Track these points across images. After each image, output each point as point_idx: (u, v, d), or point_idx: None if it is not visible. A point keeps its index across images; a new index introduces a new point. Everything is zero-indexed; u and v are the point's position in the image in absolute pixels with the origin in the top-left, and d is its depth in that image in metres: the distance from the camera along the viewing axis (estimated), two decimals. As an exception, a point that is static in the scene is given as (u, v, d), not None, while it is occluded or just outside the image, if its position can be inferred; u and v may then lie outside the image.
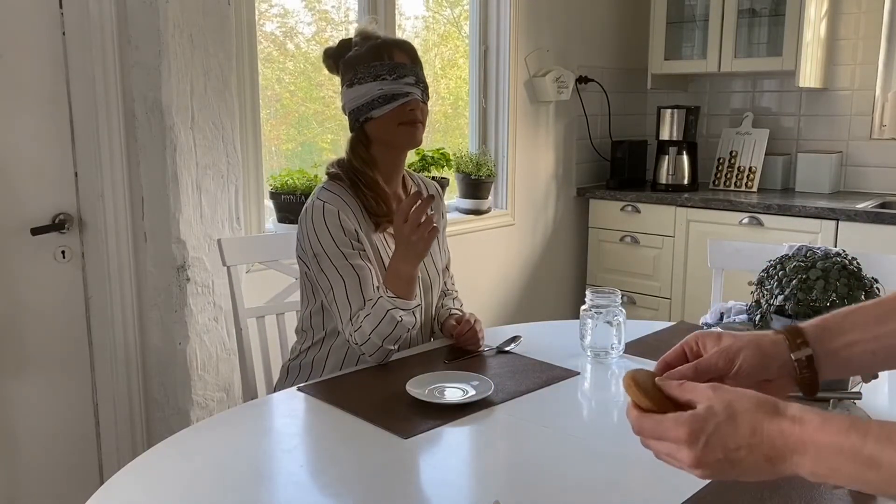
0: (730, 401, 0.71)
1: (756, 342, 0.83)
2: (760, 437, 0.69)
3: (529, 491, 1.07)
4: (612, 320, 1.58)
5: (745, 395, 0.72)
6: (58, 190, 2.06)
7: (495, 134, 3.31)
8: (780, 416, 0.69)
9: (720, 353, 0.83)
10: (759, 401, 0.70)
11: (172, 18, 1.99)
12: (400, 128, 1.61)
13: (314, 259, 1.58)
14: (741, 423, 0.69)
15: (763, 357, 0.82)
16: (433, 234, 1.52)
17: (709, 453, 0.70)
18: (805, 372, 0.82)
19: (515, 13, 3.21)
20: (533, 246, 3.54)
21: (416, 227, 1.49)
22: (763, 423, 0.69)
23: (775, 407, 0.70)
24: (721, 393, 0.72)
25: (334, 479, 1.11)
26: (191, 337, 2.14)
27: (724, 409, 0.70)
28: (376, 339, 1.51)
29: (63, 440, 2.14)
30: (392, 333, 1.51)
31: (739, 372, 0.82)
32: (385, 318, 1.50)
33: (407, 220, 1.49)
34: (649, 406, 0.76)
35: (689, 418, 0.71)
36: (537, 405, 1.37)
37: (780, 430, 0.68)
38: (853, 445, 0.65)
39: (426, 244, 1.52)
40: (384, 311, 1.51)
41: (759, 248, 2.02)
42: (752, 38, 3.51)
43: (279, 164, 2.71)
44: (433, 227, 1.51)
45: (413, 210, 1.49)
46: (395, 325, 1.51)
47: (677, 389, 0.75)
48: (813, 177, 3.43)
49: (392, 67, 1.58)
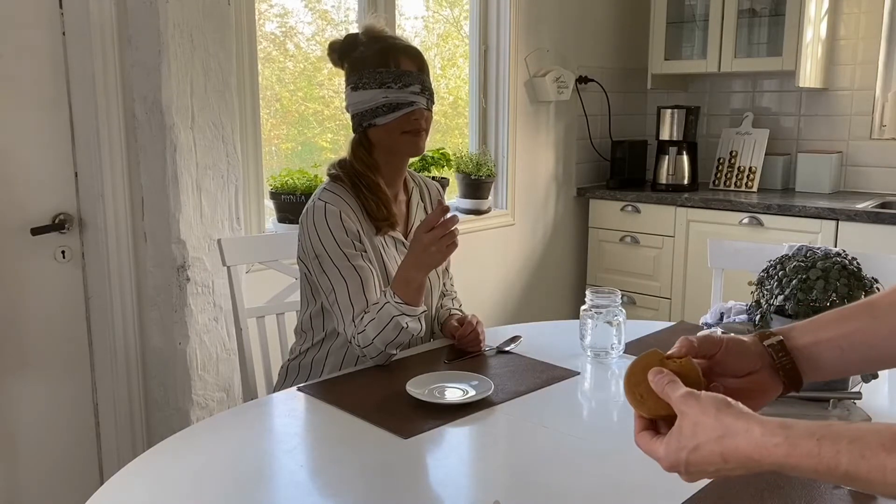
0: (694, 424, 0.74)
1: (737, 337, 0.90)
2: (734, 461, 0.72)
3: (529, 491, 1.07)
4: (612, 320, 1.58)
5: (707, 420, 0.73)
6: (58, 190, 2.06)
7: (495, 134, 3.31)
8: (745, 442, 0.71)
9: (706, 337, 0.88)
10: (721, 429, 0.72)
11: (172, 18, 1.99)
12: (403, 136, 1.61)
13: (315, 260, 1.58)
14: (706, 452, 0.73)
15: (742, 344, 0.88)
16: (451, 249, 1.52)
17: (693, 476, 0.76)
18: (782, 356, 0.86)
19: (515, 13, 3.21)
20: (533, 246, 3.54)
21: (438, 239, 1.49)
22: (729, 451, 0.72)
23: (736, 433, 0.71)
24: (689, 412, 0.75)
25: (334, 479, 1.11)
26: (191, 337, 2.14)
27: (690, 436, 0.74)
28: (380, 344, 1.51)
29: (63, 440, 2.14)
30: (396, 339, 1.51)
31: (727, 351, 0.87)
32: (390, 324, 1.50)
33: (431, 229, 1.50)
34: (647, 413, 0.80)
35: (664, 451, 0.76)
36: (537, 405, 1.37)
37: (748, 457, 0.71)
38: (828, 465, 0.66)
39: (443, 257, 1.52)
40: (390, 316, 1.50)
41: (759, 248, 2.02)
42: (752, 38, 3.51)
43: (279, 163, 2.71)
44: (453, 242, 1.51)
45: (441, 222, 1.50)
46: (399, 330, 1.50)
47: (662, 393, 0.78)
48: (813, 177, 3.43)
49: (398, 75, 1.58)
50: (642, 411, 0.80)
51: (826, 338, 0.87)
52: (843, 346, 0.87)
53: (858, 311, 0.88)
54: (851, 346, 0.86)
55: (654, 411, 0.79)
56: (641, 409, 0.80)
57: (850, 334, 0.87)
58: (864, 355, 0.88)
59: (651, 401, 0.79)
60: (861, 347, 0.86)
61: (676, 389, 0.77)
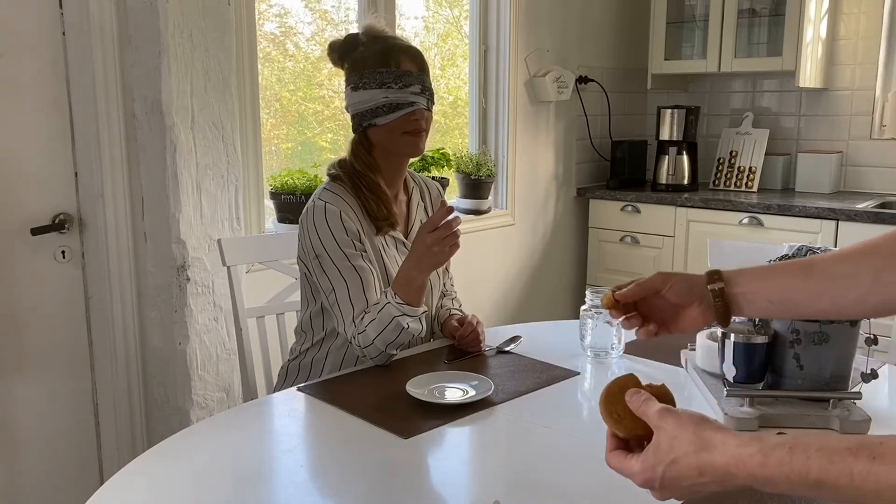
0: (672, 438, 0.76)
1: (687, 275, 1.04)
2: (709, 475, 0.73)
3: (529, 491, 1.07)
4: (612, 320, 1.58)
5: (685, 435, 0.76)
6: (58, 190, 2.06)
7: (495, 134, 3.31)
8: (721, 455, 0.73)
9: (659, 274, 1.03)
10: (699, 443, 0.74)
11: (172, 18, 1.99)
12: (403, 136, 1.61)
13: (315, 260, 1.58)
14: (683, 466, 0.75)
15: (690, 283, 1.01)
16: (454, 250, 1.52)
17: (667, 493, 0.78)
18: (718, 301, 0.99)
19: (515, 13, 3.21)
20: (533, 246, 3.54)
21: (441, 240, 1.49)
22: (706, 465, 0.73)
23: (714, 446, 0.74)
24: (666, 427, 0.77)
25: (334, 479, 1.11)
26: (191, 337, 2.14)
27: (668, 450, 0.76)
28: (380, 345, 1.51)
29: (63, 440, 2.14)
30: (397, 339, 1.51)
31: (671, 289, 1.01)
32: (391, 325, 1.50)
33: (435, 230, 1.50)
34: (624, 432, 0.83)
35: (640, 466, 0.78)
36: (537, 405, 1.37)
37: (724, 470, 0.72)
38: (799, 473, 0.68)
39: (445, 257, 1.52)
40: (390, 317, 1.50)
41: (759, 248, 2.02)
42: (752, 38, 3.51)
43: (279, 163, 2.71)
44: (455, 243, 1.51)
45: (444, 223, 1.49)
46: (400, 331, 1.50)
47: (638, 410, 0.82)
48: (813, 177, 3.43)
49: (398, 76, 1.58)
50: (619, 430, 0.84)
51: (761, 289, 0.99)
52: (773, 298, 0.99)
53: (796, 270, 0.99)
54: (780, 300, 0.98)
55: (631, 430, 0.82)
56: (618, 429, 0.84)
57: (781, 290, 0.98)
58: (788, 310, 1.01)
59: (628, 420, 0.82)
60: (787, 304, 0.98)
61: (653, 406, 0.80)
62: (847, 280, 0.94)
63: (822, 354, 1.26)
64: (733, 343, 1.31)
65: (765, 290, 0.98)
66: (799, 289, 0.97)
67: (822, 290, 0.96)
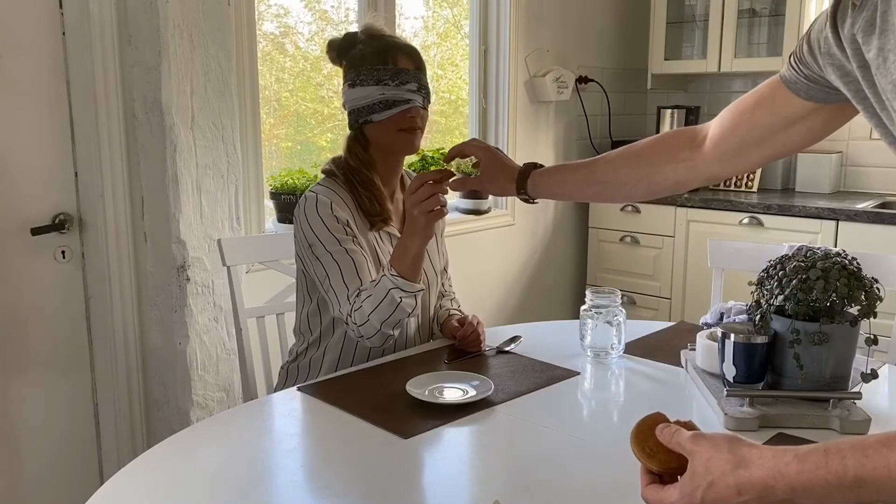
0: (707, 460, 0.76)
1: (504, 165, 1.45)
2: (748, 492, 0.74)
3: (529, 491, 1.07)
4: (612, 320, 1.58)
5: (720, 455, 0.76)
6: (58, 190, 2.06)
7: (495, 134, 3.31)
8: (758, 469, 0.73)
9: (478, 144, 1.49)
10: (735, 461, 0.75)
11: (172, 18, 1.99)
12: (399, 134, 1.61)
13: (309, 249, 1.58)
14: (721, 487, 0.75)
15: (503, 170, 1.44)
16: (436, 215, 1.48)
17: None
18: (522, 193, 1.41)
19: (515, 13, 3.21)
20: (533, 246, 3.54)
21: (419, 203, 1.46)
22: (744, 482, 0.74)
23: (751, 461, 0.74)
24: (700, 450, 0.78)
25: (334, 479, 1.11)
26: (191, 337, 2.14)
27: (704, 473, 0.76)
28: (375, 322, 1.49)
29: (63, 440, 2.14)
30: (391, 317, 1.49)
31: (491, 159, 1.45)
32: (386, 299, 1.48)
33: (413, 192, 1.47)
34: (657, 466, 0.84)
35: (678, 494, 0.78)
36: (537, 405, 1.37)
37: (763, 484, 0.73)
38: (837, 473, 0.69)
39: (427, 221, 1.47)
40: (385, 290, 1.48)
41: (759, 248, 2.02)
42: (752, 38, 3.51)
43: (279, 163, 2.71)
44: (436, 209, 1.47)
45: (421, 186, 1.46)
46: (395, 306, 1.48)
47: (671, 441, 0.82)
48: (813, 177, 3.43)
49: (395, 73, 1.58)
50: (652, 465, 0.84)
51: (552, 183, 1.39)
52: (557, 192, 1.44)
53: (582, 171, 1.37)
54: (563, 194, 1.50)
55: (665, 464, 0.83)
56: (652, 463, 0.84)
57: (566, 188, 1.41)
58: (568, 199, 1.45)
59: (661, 453, 0.84)
60: (568, 197, 1.61)
61: (684, 434, 0.81)
62: (619, 185, 1.34)
63: (822, 354, 1.26)
64: (733, 343, 1.31)
65: (556, 186, 1.40)
66: (580, 191, 1.42)
67: (598, 191, 1.38)
